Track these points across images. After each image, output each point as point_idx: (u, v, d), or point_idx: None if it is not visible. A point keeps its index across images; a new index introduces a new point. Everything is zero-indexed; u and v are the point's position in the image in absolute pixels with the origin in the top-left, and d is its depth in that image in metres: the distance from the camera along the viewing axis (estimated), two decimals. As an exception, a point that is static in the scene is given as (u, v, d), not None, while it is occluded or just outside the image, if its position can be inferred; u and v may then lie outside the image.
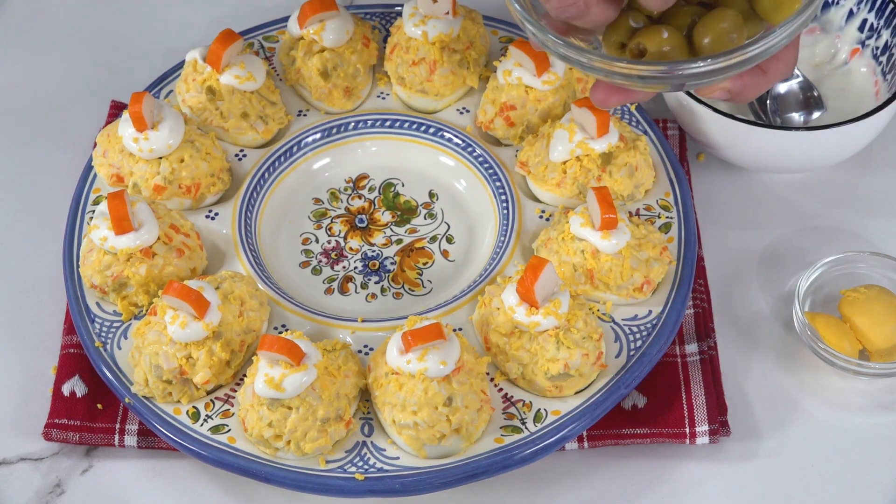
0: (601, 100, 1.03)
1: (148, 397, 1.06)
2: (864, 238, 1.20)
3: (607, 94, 1.03)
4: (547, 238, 1.12)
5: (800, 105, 1.24)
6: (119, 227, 1.08)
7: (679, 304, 1.10)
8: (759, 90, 1.04)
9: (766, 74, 1.04)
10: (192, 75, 1.20)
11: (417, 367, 1.01)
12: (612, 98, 1.03)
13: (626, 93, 1.03)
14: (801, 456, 1.08)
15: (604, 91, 1.03)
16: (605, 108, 1.04)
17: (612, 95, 1.03)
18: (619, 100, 1.03)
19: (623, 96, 1.03)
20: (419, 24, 1.21)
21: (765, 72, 1.04)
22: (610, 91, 1.03)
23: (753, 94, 1.05)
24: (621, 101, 1.03)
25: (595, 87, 1.02)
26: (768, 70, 1.04)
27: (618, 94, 1.03)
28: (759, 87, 1.04)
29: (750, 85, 1.03)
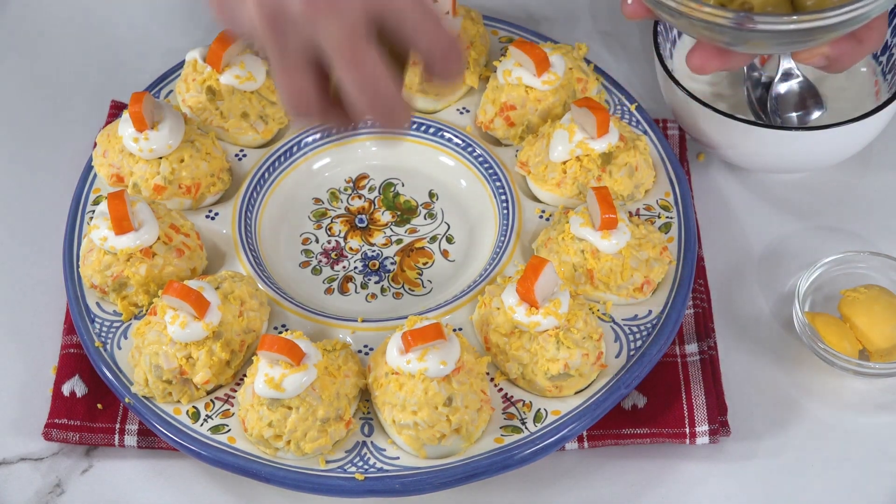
0: (698, 65, 1.02)
1: (148, 397, 1.06)
2: (864, 238, 1.20)
3: (705, 59, 1.02)
4: (547, 238, 1.12)
5: (800, 105, 1.24)
6: (119, 227, 1.08)
7: (679, 304, 1.10)
8: (855, 59, 1.05)
9: (861, 43, 1.05)
10: (192, 75, 1.20)
11: (417, 367, 1.01)
12: (709, 63, 1.02)
13: (724, 57, 1.02)
14: (801, 456, 1.08)
15: (701, 55, 1.02)
16: (703, 73, 1.02)
17: (710, 60, 1.02)
18: (717, 65, 1.02)
19: (721, 61, 1.02)
20: (419, 24, 1.21)
21: (860, 40, 1.04)
22: (708, 55, 1.02)
23: (850, 63, 1.05)
24: (720, 67, 1.02)
25: (692, 52, 1.01)
26: (864, 39, 1.04)
27: (716, 58, 1.02)
28: (854, 56, 1.05)
29: (847, 52, 1.04)
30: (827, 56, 1.04)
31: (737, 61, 1.03)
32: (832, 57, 1.05)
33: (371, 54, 0.92)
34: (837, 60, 1.05)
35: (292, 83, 0.93)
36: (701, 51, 1.02)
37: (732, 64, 1.03)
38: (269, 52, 0.93)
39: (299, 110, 0.95)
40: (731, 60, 1.03)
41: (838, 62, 1.06)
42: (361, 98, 0.93)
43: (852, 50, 1.05)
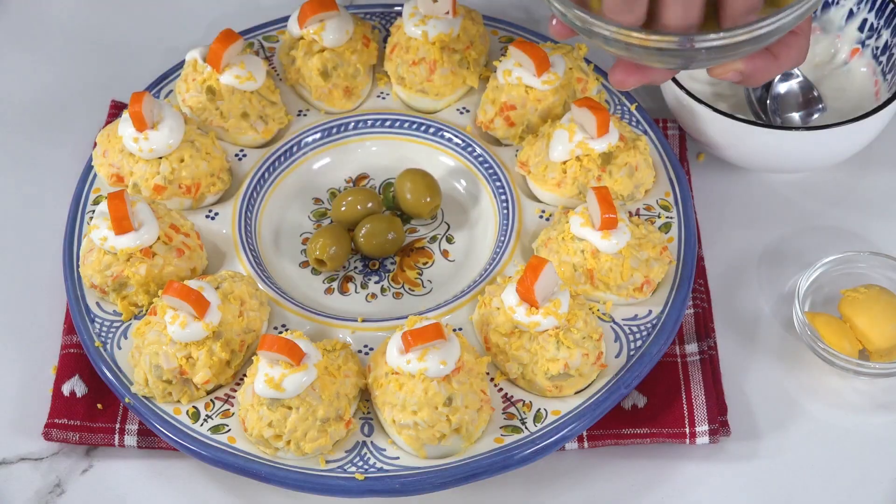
0: (620, 79, 1.04)
1: (148, 397, 1.06)
2: (864, 238, 1.20)
3: (626, 74, 1.04)
4: (547, 238, 1.12)
5: (800, 105, 1.24)
6: (119, 227, 1.08)
7: (679, 304, 1.10)
8: (769, 74, 1.05)
9: (777, 59, 1.05)
10: (192, 75, 1.20)
11: (417, 366, 1.01)
12: (630, 77, 1.04)
13: (644, 72, 1.03)
14: (801, 456, 1.08)
15: (622, 70, 1.03)
16: (623, 88, 1.05)
17: (630, 75, 1.04)
18: (637, 80, 1.04)
19: (641, 76, 1.04)
20: (419, 23, 1.21)
21: (776, 56, 1.05)
22: (628, 70, 1.03)
23: (764, 79, 1.06)
24: (639, 82, 1.04)
25: (614, 67, 1.03)
26: (779, 55, 1.05)
27: (636, 73, 1.04)
28: (769, 72, 1.05)
29: (761, 68, 1.05)
30: (741, 71, 1.06)
31: (657, 76, 1.05)
32: (746, 72, 1.06)
33: None
34: (751, 76, 1.06)
35: None
36: (622, 67, 1.04)
37: (653, 78, 1.05)
38: None
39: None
40: (652, 74, 1.05)
41: (752, 77, 1.07)
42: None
43: (766, 66, 1.06)
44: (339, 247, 1.15)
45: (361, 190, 1.18)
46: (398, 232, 1.15)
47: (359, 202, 1.17)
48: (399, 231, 1.16)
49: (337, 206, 1.18)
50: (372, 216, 1.16)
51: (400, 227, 1.16)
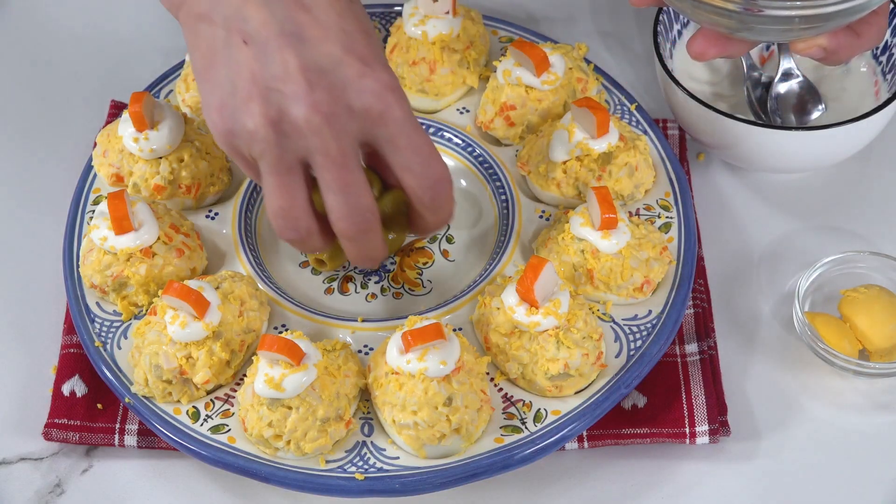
0: (699, 51, 1.04)
1: (148, 397, 1.06)
2: (864, 238, 1.20)
3: (706, 45, 1.04)
4: (547, 238, 1.12)
5: (800, 105, 1.24)
6: (119, 227, 1.08)
7: (679, 304, 1.10)
8: (852, 52, 1.06)
9: (859, 37, 1.06)
10: (192, 75, 1.20)
11: (417, 366, 1.01)
12: (710, 49, 1.04)
13: (724, 43, 1.03)
14: (801, 456, 1.08)
15: (702, 42, 1.03)
16: (703, 59, 1.05)
17: (710, 47, 1.04)
18: (717, 51, 1.04)
19: (721, 48, 1.03)
20: (419, 23, 1.21)
21: (858, 34, 1.05)
22: (709, 41, 1.03)
23: (846, 56, 1.06)
24: (719, 53, 1.04)
25: (694, 37, 1.03)
26: (862, 33, 1.05)
27: (716, 45, 1.03)
28: (852, 49, 1.06)
29: (844, 45, 1.05)
30: (824, 48, 1.06)
31: (737, 48, 1.04)
32: (829, 49, 1.06)
33: (359, 171, 0.97)
34: (835, 53, 1.06)
35: (285, 188, 0.97)
36: (703, 37, 1.03)
37: (733, 51, 1.04)
38: (266, 157, 0.96)
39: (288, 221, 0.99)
40: (732, 47, 1.04)
41: (835, 55, 1.07)
42: (343, 210, 0.97)
43: (850, 43, 1.06)
44: (338, 246, 1.15)
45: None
46: (398, 232, 1.15)
47: None
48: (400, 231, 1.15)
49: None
50: None
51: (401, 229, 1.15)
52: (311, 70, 0.94)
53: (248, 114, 0.95)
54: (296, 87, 0.94)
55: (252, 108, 0.95)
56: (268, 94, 0.95)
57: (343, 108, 0.95)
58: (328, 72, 0.95)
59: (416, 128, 0.98)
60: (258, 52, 0.95)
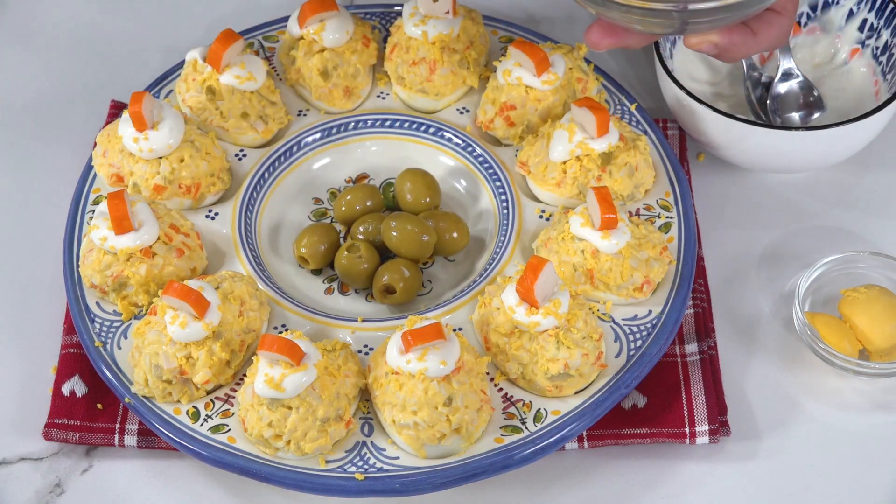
0: (595, 41, 1.04)
1: (148, 397, 1.06)
2: (864, 238, 1.20)
3: (602, 35, 1.03)
4: (547, 238, 1.12)
5: (800, 105, 1.24)
6: (119, 227, 1.08)
7: (679, 304, 1.10)
8: (746, 51, 1.05)
9: (755, 36, 1.04)
10: (192, 75, 1.20)
11: (417, 366, 1.01)
12: (606, 39, 1.03)
13: (621, 35, 1.03)
14: (801, 456, 1.08)
15: (599, 31, 1.03)
16: (598, 50, 1.05)
17: (606, 37, 1.03)
18: (612, 42, 1.04)
19: (617, 38, 1.03)
20: (419, 23, 1.21)
21: (755, 33, 1.04)
22: (605, 31, 1.03)
23: (740, 55, 1.05)
24: (615, 44, 1.03)
25: (590, 28, 1.02)
26: (759, 32, 1.04)
27: (612, 35, 1.03)
28: (746, 48, 1.05)
29: (738, 43, 1.04)
30: (716, 44, 1.05)
31: (633, 40, 1.04)
32: (721, 46, 1.05)
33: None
34: (727, 50, 1.05)
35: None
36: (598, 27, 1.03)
37: (628, 42, 1.04)
38: None
39: None
40: (627, 38, 1.04)
41: (728, 52, 1.06)
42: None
43: (744, 41, 1.05)
44: (325, 245, 1.15)
45: (361, 187, 1.18)
46: (430, 233, 1.14)
47: (357, 201, 1.17)
48: (431, 232, 1.14)
49: (338, 207, 1.18)
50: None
51: (430, 229, 1.14)
52: None
53: None
54: None
55: None
56: None
57: None
58: None
59: None
60: None
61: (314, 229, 1.16)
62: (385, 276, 1.12)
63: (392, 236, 1.13)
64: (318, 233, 1.15)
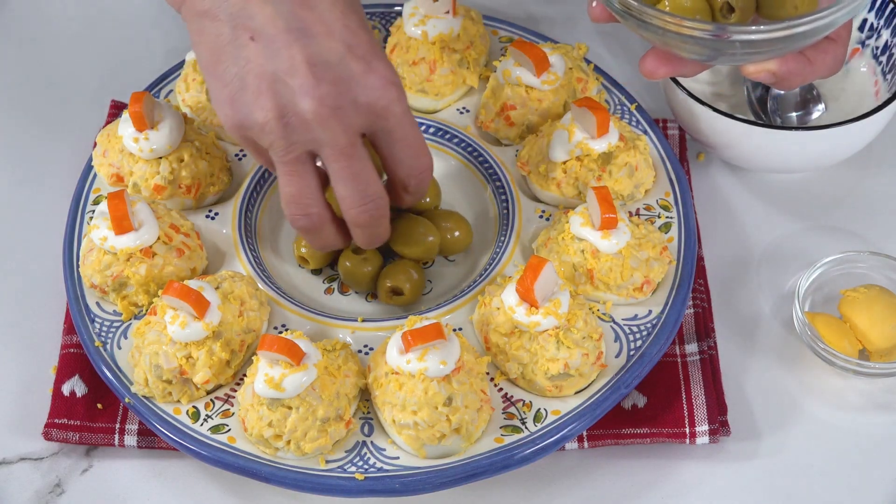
0: (650, 70, 1.05)
1: (148, 397, 1.06)
2: (864, 238, 1.20)
3: (657, 64, 1.05)
4: (547, 238, 1.12)
5: (800, 105, 1.24)
6: (119, 226, 1.08)
7: (679, 303, 1.10)
8: (802, 79, 1.06)
9: (811, 64, 1.06)
10: (192, 75, 1.20)
11: (417, 366, 1.01)
12: (661, 68, 1.05)
13: (676, 63, 1.04)
14: (801, 456, 1.08)
15: (654, 60, 1.04)
16: (653, 79, 1.07)
17: (662, 65, 1.05)
18: (667, 70, 1.05)
19: (672, 67, 1.05)
20: (419, 23, 1.21)
21: (811, 61, 1.05)
22: (660, 60, 1.04)
23: (797, 83, 1.06)
24: (670, 73, 1.04)
25: (646, 56, 1.03)
26: (815, 60, 1.05)
27: (668, 63, 1.05)
28: (803, 76, 1.06)
29: (795, 71, 1.05)
30: (774, 73, 1.06)
31: (689, 69, 1.05)
32: (779, 75, 1.07)
33: (367, 159, 1.01)
34: (785, 79, 1.07)
35: (296, 176, 1.01)
36: (653, 55, 1.04)
37: (685, 70, 1.06)
38: (276, 147, 0.99)
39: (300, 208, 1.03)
40: (683, 67, 1.05)
41: (786, 80, 1.07)
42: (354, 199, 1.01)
43: (801, 70, 1.07)
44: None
45: None
46: (435, 234, 1.14)
47: None
48: (435, 232, 1.14)
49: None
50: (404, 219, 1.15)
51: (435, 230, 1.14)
52: (318, 65, 0.97)
53: (257, 107, 0.98)
54: (302, 80, 0.97)
55: (262, 102, 0.98)
56: (276, 87, 0.97)
57: (349, 102, 0.98)
58: (334, 66, 0.98)
59: (412, 123, 1.02)
60: (265, 48, 0.98)
61: None
62: (391, 278, 1.12)
63: (397, 238, 1.13)
64: None
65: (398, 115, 1.00)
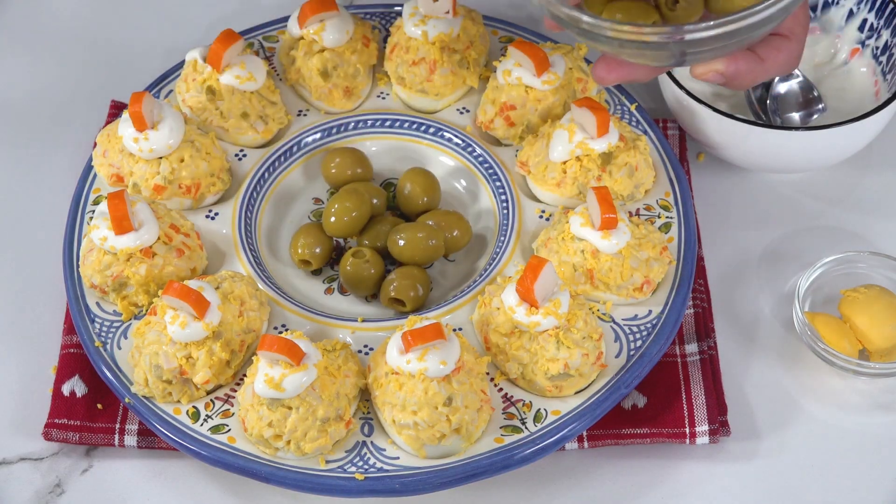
0: (601, 76, 1.03)
1: (148, 397, 1.06)
2: (864, 238, 1.20)
3: (608, 70, 1.02)
4: (547, 238, 1.12)
5: (800, 105, 1.24)
6: (119, 227, 1.08)
7: (679, 304, 1.10)
8: (753, 78, 1.02)
9: (763, 62, 1.02)
10: (192, 75, 1.20)
11: (417, 366, 1.01)
12: (612, 73, 1.02)
13: (628, 69, 1.02)
14: (801, 456, 1.08)
15: (605, 66, 1.02)
16: (605, 84, 1.03)
17: (612, 71, 1.02)
18: (618, 76, 1.02)
19: (623, 72, 1.02)
20: (419, 23, 1.21)
21: (762, 59, 1.02)
22: (611, 66, 1.02)
23: (748, 82, 1.03)
24: (621, 78, 1.02)
25: (597, 63, 1.02)
26: (766, 58, 1.02)
27: (618, 69, 1.02)
28: (754, 75, 1.02)
29: (745, 71, 1.02)
30: (722, 73, 1.02)
31: (640, 73, 1.03)
32: (728, 74, 1.02)
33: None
34: (735, 78, 1.02)
35: None
36: (604, 62, 1.02)
37: (635, 76, 1.03)
38: None
39: None
40: (635, 72, 1.03)
41: (736, 79, 1.02)
42: None
43: (751, 69, 1.01)
44: (321, 245, 1.15)
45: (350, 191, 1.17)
46: (437, 237, 1.14)
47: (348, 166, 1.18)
48: (438, 236, 1.14)
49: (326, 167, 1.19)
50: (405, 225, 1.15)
51: (437, 233, 1.14)
52: None
53: None
54: None
55: None
56: None
57: None
58: None
59: None
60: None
61: (308, 229, 1.16)
62: (395, 289, 1.11)
63: (399, 244, 1.13)
64: (312, 233, 1.15)
65: None
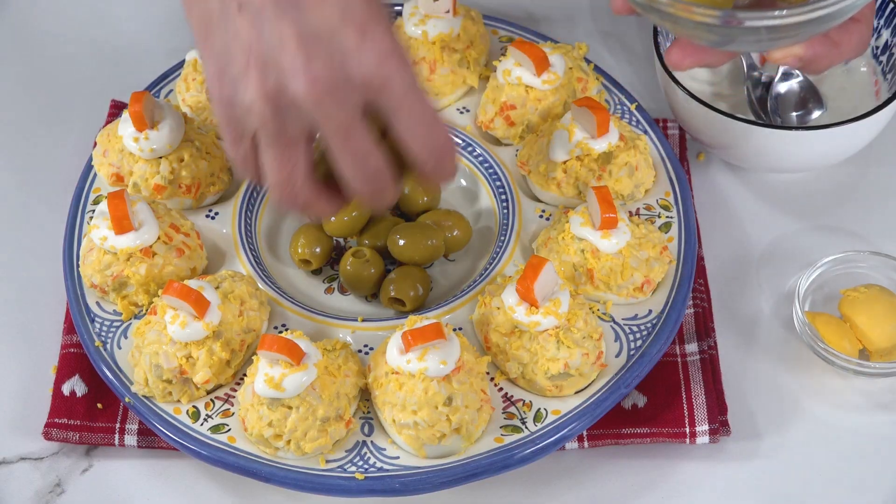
0: (676, 60, 1.04)
1: (148, 397, 1.06)
2: (864, 238, 1.20)
3: (682, 55, 1.03)
4: (547, 238, 1.12)
5: (800, 105, 1.24)
6: (119, 226, 1.08)
7: (679, 303, 1.10)
8: (830, 62, 1.06)
9: (838, 47, 1.05)
10: (192, 75, 1.20)
11: (417, 366, 1.01)
12: (686, 58, 1.04)
13: (701, 53, 1.03)
14: (801, 456, 1.08)
15: (679, 50, 1.03)
16: (679, 69, 1.05)
17: (687, 56, 1.03)
18: (693, 61, 1.04)
19: (697, 57, 1.03)
20: (419, 23, 1.21)
21: (837, 44, 1.05)
22: (686, 51, 1.03)
23: (824, 66, 1.06)
24: (695, 63, 1.03)
25: (671, 47, 1.02)
26: (841, 42, 1.05)
27: (693, 54, 1.03)
28: (830, 59, 1.05)
29: (821, 55, 1.05)
30: (800, 57, 1.05)
31: (715, 58, 1.04)
32: (805, 58, 1.05)
33: (366, 135, 0.92)
34: (812, 62, 1.06)
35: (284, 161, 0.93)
36: (679, 47, 1.03)
37: (710, 60, 1.05)
38: (264, 131, 0.92)
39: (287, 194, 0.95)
40: (709, 56, 1.04)
41: (813, 64, 1.06)
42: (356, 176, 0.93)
43: (827, 53, 1.06)
44: (321, 245, 1.15)
45: None
46: (438, 237, 1.14)
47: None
48: (438, 236, 1.14)
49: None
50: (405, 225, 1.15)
51: (437, 232, 1.14)
52: (308, 39, 0.89)
53: (245, 86, 0.91)
54: (293, 58, 0.89)
55: (249, 81, 0.90)
56: (265, 65, 0.90)
57: (343, 79, 0.90)
58: (326, 40, 0.89)
59: (418, 96, 0.93)
60: (254, 20, 0.90)
61: (308, 229, 1.16)
62: (395, 289, 1.11)
63: (399, 243, 1.13)
64: (312, 232, 1.15)
65: (399, 90, 0.91)
